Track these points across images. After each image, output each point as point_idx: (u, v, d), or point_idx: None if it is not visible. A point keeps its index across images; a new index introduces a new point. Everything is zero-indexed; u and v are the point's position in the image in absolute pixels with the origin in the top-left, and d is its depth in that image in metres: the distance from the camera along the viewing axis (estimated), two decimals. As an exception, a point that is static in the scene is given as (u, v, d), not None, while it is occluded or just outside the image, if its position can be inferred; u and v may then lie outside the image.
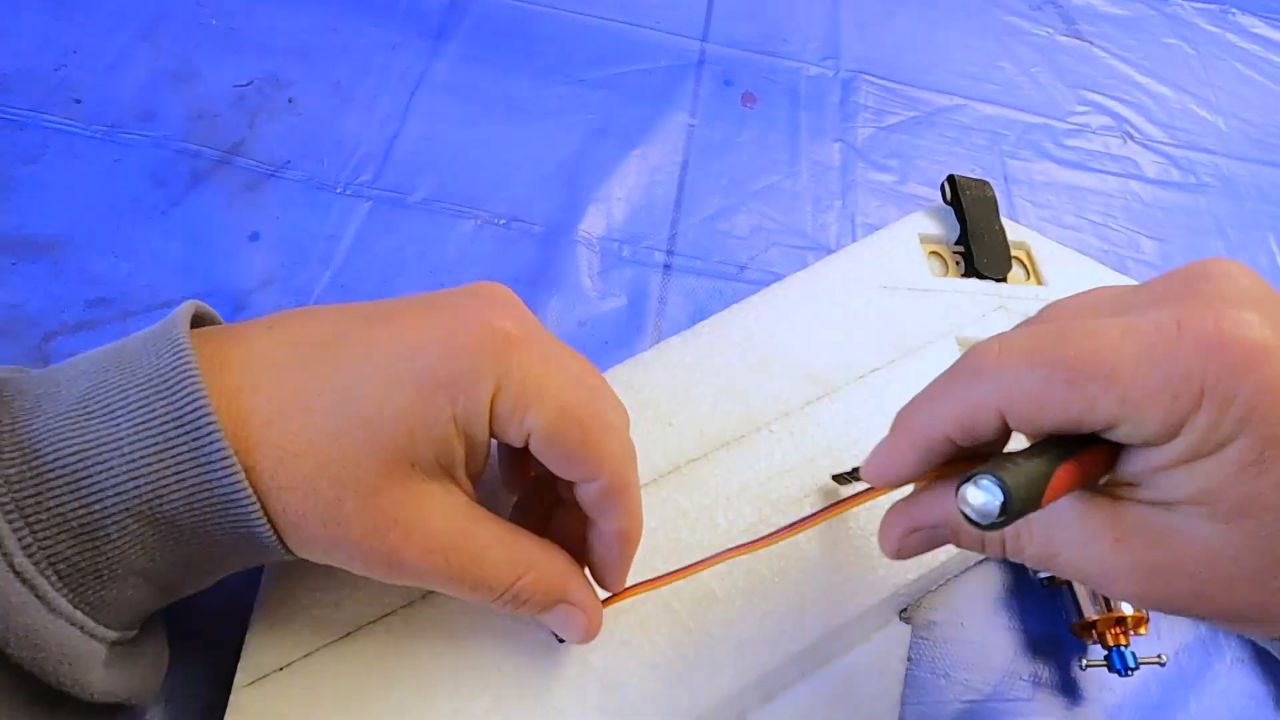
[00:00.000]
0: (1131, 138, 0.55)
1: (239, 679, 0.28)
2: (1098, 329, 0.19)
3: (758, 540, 0.28)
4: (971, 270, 0.43)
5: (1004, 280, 0.43)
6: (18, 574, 0.21)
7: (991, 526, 0.19)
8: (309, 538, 0.24)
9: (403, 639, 0.29)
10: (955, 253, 0.44)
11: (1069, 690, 0.35)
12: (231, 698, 0.28)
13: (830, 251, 0.46)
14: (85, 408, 0.23)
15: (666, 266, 0.44)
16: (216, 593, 0.27)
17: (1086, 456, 0.20)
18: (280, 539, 0.24)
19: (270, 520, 0.24)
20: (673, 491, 0.34)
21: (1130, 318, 0.19)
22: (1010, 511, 0.19)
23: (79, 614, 0.23)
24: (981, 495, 0.19)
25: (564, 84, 0.49)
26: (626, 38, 0.52)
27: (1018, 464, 0.20)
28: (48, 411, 0.23)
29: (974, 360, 0.21)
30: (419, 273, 0.41)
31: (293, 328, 0.25)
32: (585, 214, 0.44)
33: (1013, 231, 0.44)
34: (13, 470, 0.22)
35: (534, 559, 0.27)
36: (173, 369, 0.23)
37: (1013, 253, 0.44)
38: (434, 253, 0.42)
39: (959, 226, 0.44)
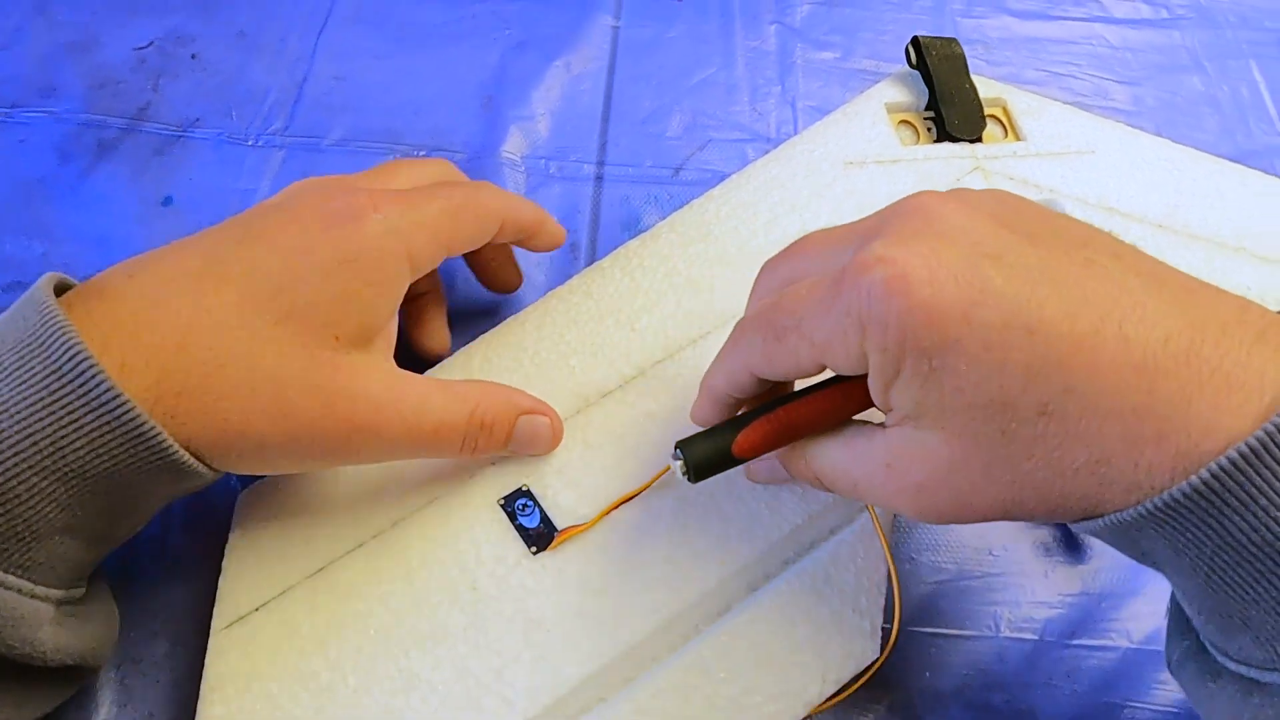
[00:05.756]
0: (1094, -24, 0.51)
1: (216, 622, 0.29)
2: (796, 288, 0.23)
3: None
4: (944, 135, 0.42)
5: (979, 141, 0.42)
6: None
7: (697, 479, 0.26)
8: (253, 443, 0.25)
9: (377, 567, 0.30)
10: (927, 119, 0.43)
11: (1046, 553, 0.33)
12: (210, 640, 0.29)
13: (770, 141, 0.44)
14: None
15: (598, 178, 0.43)
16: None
17: (813, 400, 0.25)
18: (201, 459, 0.25)
19: (187, 445, 0.24)
20: (640, 396, 0.34)
21: (827, 268, 0.22)
22: (695, 474, 0.25)
23: (11, 578, 0.23)
24: (675, 462, 0.26)
25: (477, 1, 0.47)
26: (537, -57, 0.49)
27: (714, 433, 0.25)
28: None
29: (734, 331, 0.26)
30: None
31: (158, 267, 0.26)
32: (508, 135, 0.43)
33: (986, 88, 0.43)
34: None
35: (473, 392, 0.29)
36: (41, 326, 0.24)
37: (987, 111, 0.43)
38: (352, 193, 0.40)
39: (927, 91, 0.42)
